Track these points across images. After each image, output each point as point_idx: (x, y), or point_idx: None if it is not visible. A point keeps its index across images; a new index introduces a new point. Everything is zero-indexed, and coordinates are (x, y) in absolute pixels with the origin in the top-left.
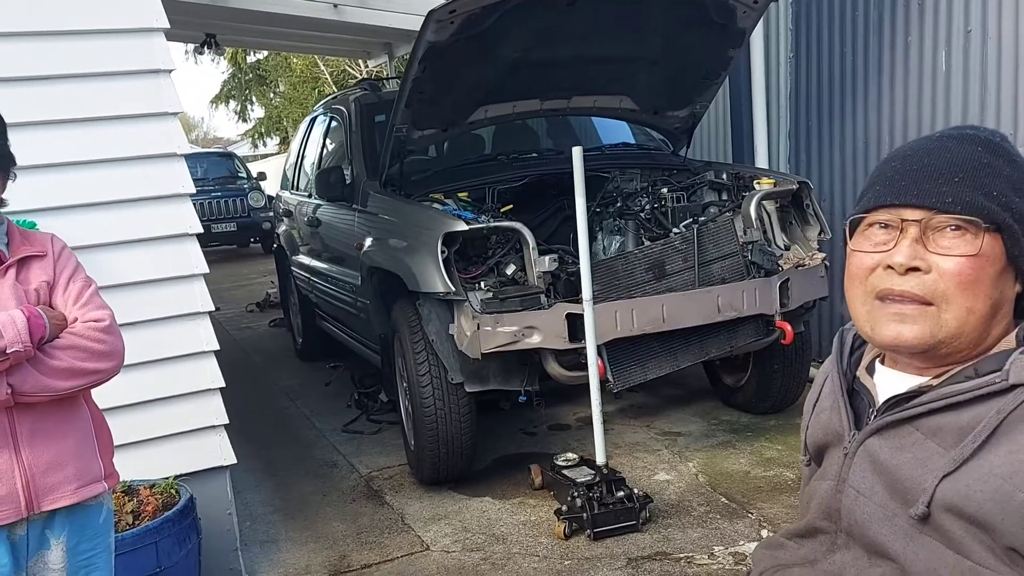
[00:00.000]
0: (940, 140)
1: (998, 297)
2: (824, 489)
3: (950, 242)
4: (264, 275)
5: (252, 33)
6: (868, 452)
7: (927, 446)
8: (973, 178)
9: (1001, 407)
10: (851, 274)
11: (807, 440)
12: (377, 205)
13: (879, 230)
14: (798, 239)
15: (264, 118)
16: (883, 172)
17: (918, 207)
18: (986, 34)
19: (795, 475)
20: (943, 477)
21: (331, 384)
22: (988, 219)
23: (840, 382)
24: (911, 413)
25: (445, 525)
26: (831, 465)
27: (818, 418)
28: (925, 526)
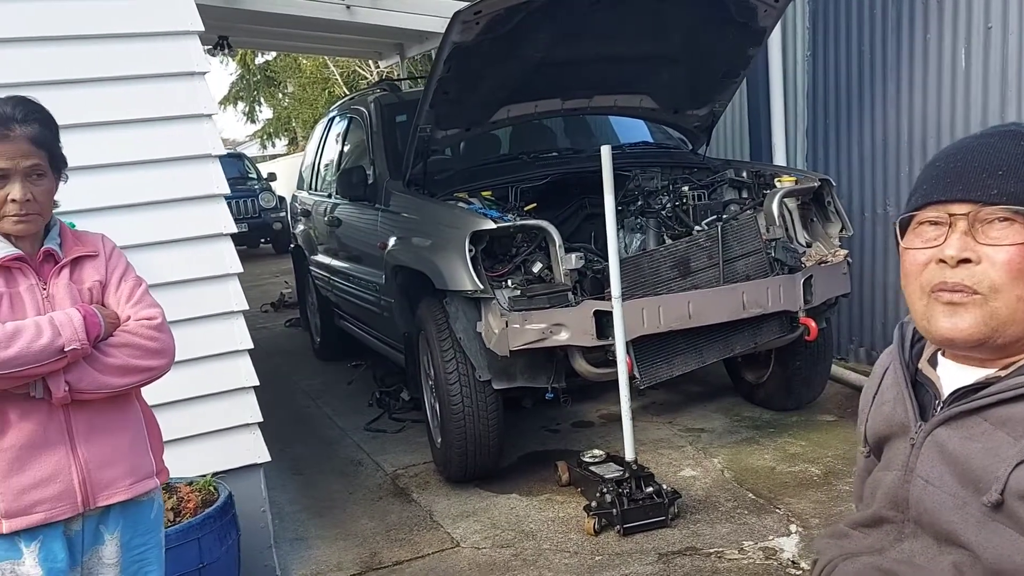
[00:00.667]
0: (982, 138)
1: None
2: (890, 479)
3: (999, 233)
4: (276, 275)
5: (265, 35)
6: (936, 442)
7: (997, 436)
8: (1017, 170)
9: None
10: (906, 272)
11: (867, 432)
12: (401, 204)
13: (929, 227)
14: (820, 236)
15: (273, 119)
16: (929, 172)
17: (965, 201)
18: (1007, 30)
19: (820, 471)
20: (1016, 465)
21: (353, 383)
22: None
23: (904, 374)
24: (980, 403)
25: (474, 522)
26: (896, 456)
27: (880, 410)
28: (998, 513)
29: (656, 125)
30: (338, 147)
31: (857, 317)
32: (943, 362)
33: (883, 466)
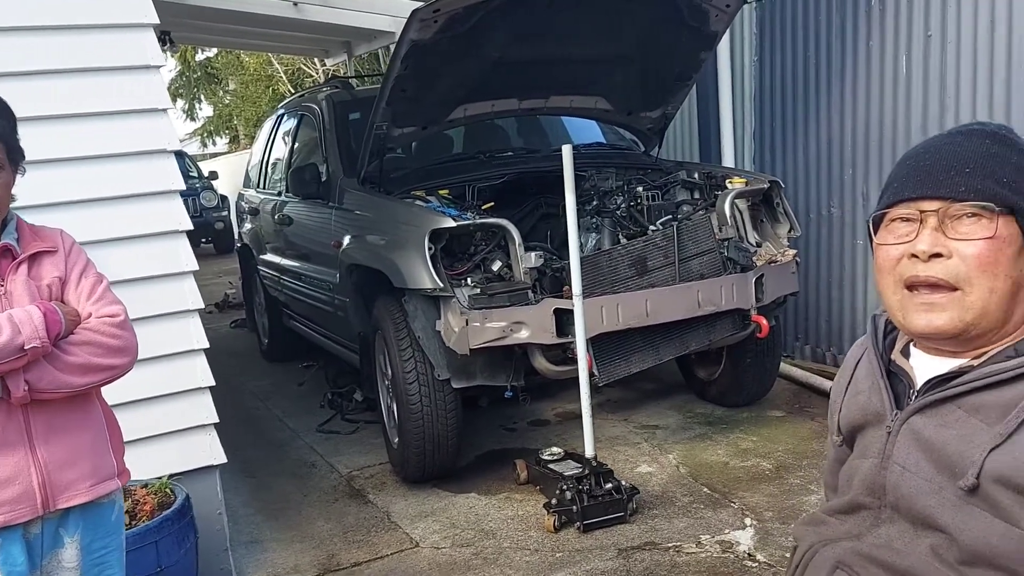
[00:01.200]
0: (950, 136)
1: (1017, 276)
2: (867, 467)
3: (968, 228)
4: (219, 276)
5: (208, 31)
6: (912, 430)
7: (970, 423)
8: (983, 167)
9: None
10: (880, 266)
11: (841, 422)
12: (356, 202)
13: (901, 223)
14: (769, 236)
15: (214, 117)
16: (899, 171)
17: (935, 198)
18: (945, 38)
19: (772, 465)
20: (991, 450)
21: (304, 384)
22: (1001, 203)
23: (879, 364)
24: (954, 392)
25: (433, 522)
26: (872, 444)
27: (855, 400)
28: (974, 497)
29: (609, 126)
30: (288, 145)
31: (803, 315)
32: (915, 353)
33: (859, 454)
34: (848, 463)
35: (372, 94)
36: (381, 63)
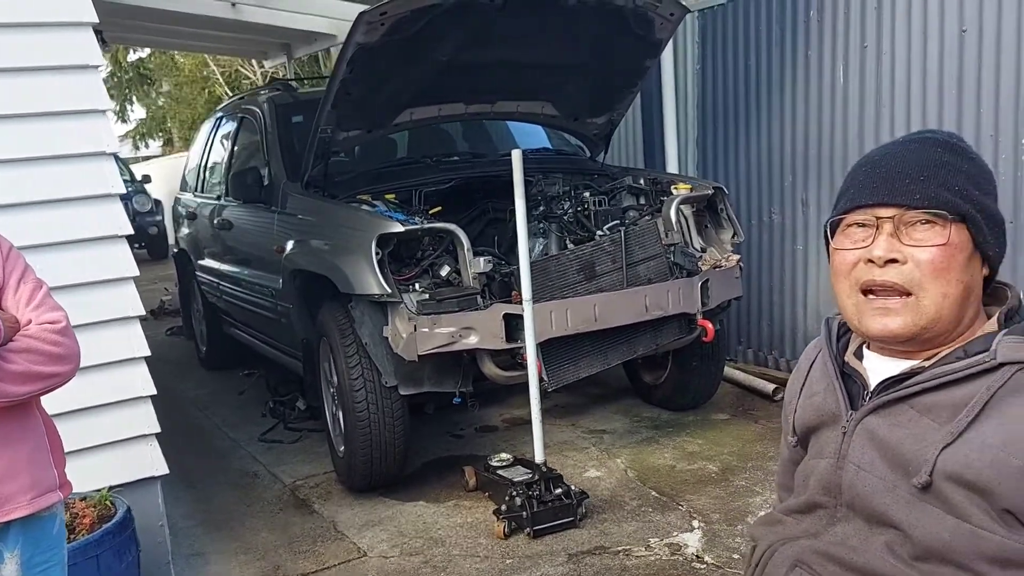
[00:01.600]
0: (904, 144)
1: (968, 281)
2: (823, 466)
3: (922, 234)
4: (154, 282)
5: (143, 30)
6: (867, 430)
7: (922, 422)
8: (936, 175)
9: (991, 384)
10: (836, 271)
11: (796, 423)
12: (299, 207)
13: (857, 229)
14: (713, 242)
15: (147, 119)
16: (855, 177)
17: (890, 205)
18: (881, 50)
19: (718, 467)
20: (942, 448)
21: (244, 392)
22: (953, 211)
23: (834, 366)
24: (907, 392)
25: (380, 531)
26: (827, 444)
27: (810, 401)
28: (926, 494)
29: (555, 132)
30: (227, 148)
31: (745, 319)
32: (868, 354)
33: (814, 454)
34: (804, 463)
35: (315, 97)
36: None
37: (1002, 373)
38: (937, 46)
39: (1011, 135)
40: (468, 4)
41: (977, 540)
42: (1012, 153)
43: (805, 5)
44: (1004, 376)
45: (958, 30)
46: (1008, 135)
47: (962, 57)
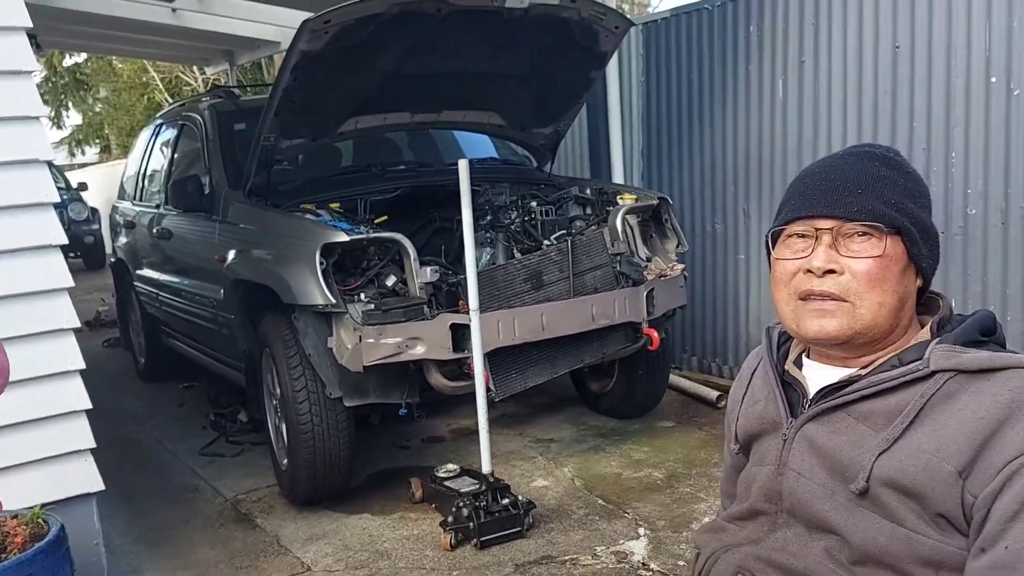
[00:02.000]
0: (843, 158)
1: (903, 291)
2: (765, 474)
3: (859, 246)
4: (90, 292)
5: (80, 35)
6: (806, 437)
7: (860, 429)
8: (873, 189)
9: (924, 391)
10: (776, 279)
11: (738, 431)
12: (241, 215)
13: (797, 239)
14: (658, 251)
15: (83, 125)
16: (796, 189)
17: (829, 217)
18: (818, 65)
19: (663, 475)
20: (879, 455)
21: (184, 405)
22: (889, 223)
23: (774, 375)
24: (845, 400)
25: (324, 544)
26: (769, 451)
27: (752, 409)
28: (864, 500)
29: (502, 141)
30: (167, 156)
31: (690, 328)
32: (808, 363)
33: (756, 461)
34: (746, 471)
35: (257, 104)
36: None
37: (935, 380)
38: (872, 62)
39: (942, 148)
40: (412, 14)
41: (912, 544)
42: (943, 166)
43: (745, 21)
44: (937, 383)
45: (891, 47)
46: (939, 148)
47: (895, 73)
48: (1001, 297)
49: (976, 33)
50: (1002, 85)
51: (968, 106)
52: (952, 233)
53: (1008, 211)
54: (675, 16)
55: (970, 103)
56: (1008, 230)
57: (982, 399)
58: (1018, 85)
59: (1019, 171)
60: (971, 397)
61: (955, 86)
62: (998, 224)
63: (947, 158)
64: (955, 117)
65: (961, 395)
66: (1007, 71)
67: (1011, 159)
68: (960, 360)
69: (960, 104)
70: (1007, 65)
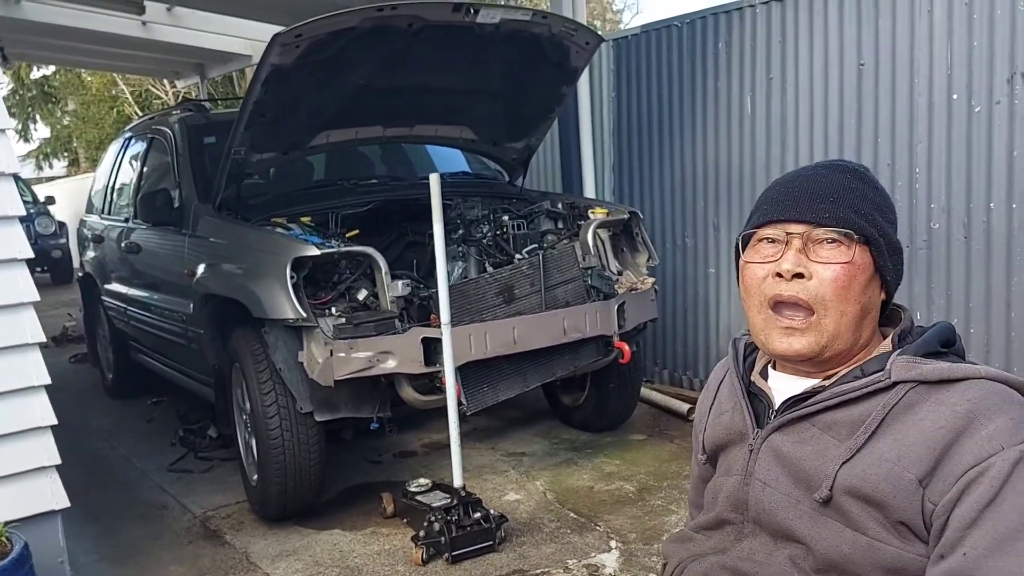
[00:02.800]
0: (816, 169)
1: (866, 302)
2: (731, 484)
3: (828, 252)
4: (57, 307)
5: (48, 47)
6: (772, 447)
7: (824, 439)
8: (845, 199)
9: (886, 402)
10: (746, 285)
11: (705, 441)
12: (211, 229)
13: (768, 244)
14: (629, 265)
15: (51, 138)
16: (769, 195)
17: (800, 222)
18: (785, 81)
19: (635, 487)
20: (842, 464)
21: (153, 421)
22: (858, 232)
23: (740, 386)
24: (809, 410)
25: (295, 561)
26: (735, 461)
27: (719, 419)
28: (827, 508)
29: (474, 156)
30: (136, 169)
31: (661, 341)
32: (773, 374)
33: (723, 472)
34: (713, 481)
35: (228, 118)
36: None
37: (896, 391)
38: (837, 79)
39: (906, 164)
40: (384, 28)
41: (874, 552)
42: (907, 181)
43: (714, 38)
44: (898, 394)
45: (856, 64)
46: (904, 164)
47: (860, 89)
48: (964, 309)
49: (938, 52)
50: (963, 102)
51: (931, 123)
52: (917, 247)
53: (970, 225)
54: (645, 32)
55: (933, 120)
56: (971, 244)
57: (942, 409)
58: (979, 102)
59: (981, 186)
60: (931, 407)
61: (918, 103)
62: (961, 238)
63: (911, 173)
64: (919, 133)
65: (921, 405)
66: (968, 88)
67: (973, 174)
68: (920, 371)
69: (923, 121)
70: (968, 83)
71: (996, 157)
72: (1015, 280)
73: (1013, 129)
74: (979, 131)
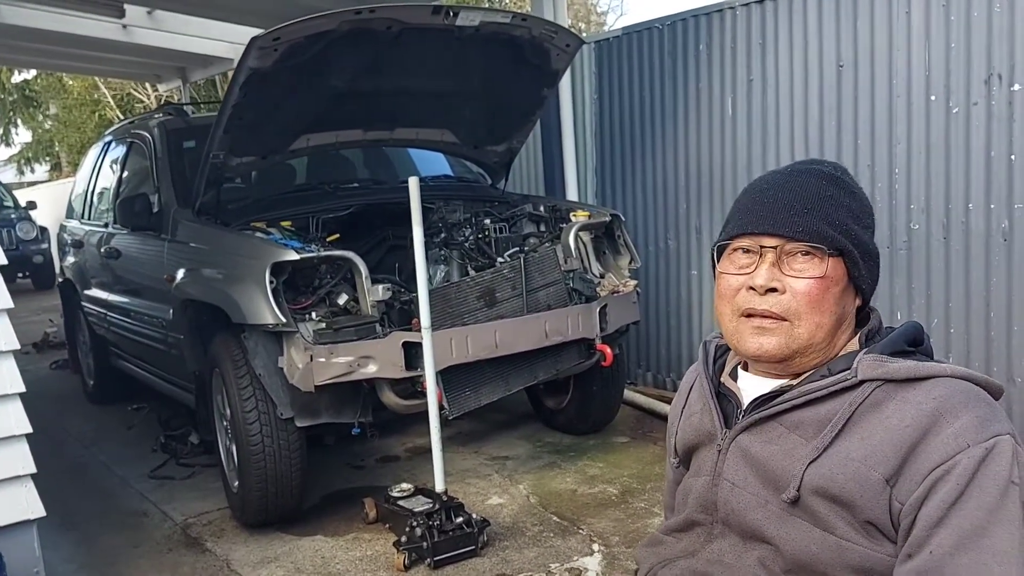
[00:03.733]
0: (791, 175)
1: (841, 312)
2: (700, 484)
3: (801, 265)
4: (38, 313)
5: (29, 51)
6: (740, 447)
7: (791, 438)
8: (819, 209)
9: (852, 400)
10: (720, 294)
11: (677, 443)
12: (190, 234)
13: (742, 254)
14: (611, 268)
15: (32, 143)
16: (743, 203)
17: (774, 235)
18: (766, 83)
19: (618, 490)
20: (809, 464)
21: (134, 428)
22: (831, 245)
23: (709, 387)
24: (776, 410)
25: (276, 568)
26: (705, 462)
27: (689, 421)
28: (795, 508)
29: (456, 159)
30: (116, 174)
31: (644, 343)
32: (743, 375)
33: (693, 473)
34: (684, 482)
35: (208, 122)
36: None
37: (862, 390)
38: (817, 80)
39: (886, 165)
40: (363, 31)
41: (842, 552)
42: (887, 182)
43: (695, 39)
44: (864, 392)
45: (836, 66)
46: (883, 165)
47: (840, 91)
48: (944, 309)
49: (916, 53)
50: (941, 104)
51: (910, 124)
52: (897, 248)
53: (949, 226)
54: (626, 34)
55: (912, 121)
56: (950, 244)
57: (908, 408)
58: (957, 103)
59: (959, 186)
60: (897, 406)
61: (897, 104)
62: (940, 238)
63: (891, 174)
64: (898, 134)
65: (888, 404)
66: (946, 90)
67: (951, 175)
68: (887, 369)
69: (902, 122)
70: (946, 84)
71: (974, 158)
72: (994, 280)
73: (991, 130)
74: (957, 132)
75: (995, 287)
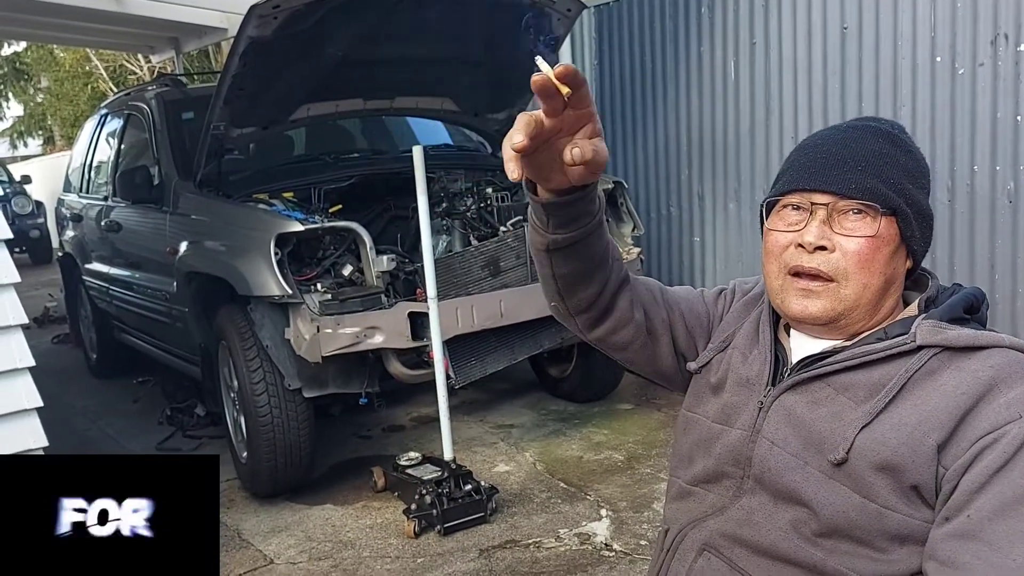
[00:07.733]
0: (846, 131)
1: (891, 273)
2: (735, 437)
3: (852, 224)
4: (36, 287)
5: (18, 23)
6: (784, 407)
7: (840, 400)
8: (874, 167)
9: (909, 366)
10: (768, 251)
11: (706, 348)
12: (192, 206)
13: (792, 211)
14: (614, 235)
15: (25, 116)
16: (796, 159)
17: (826, 192)
18: (768, 46)
19: (623, 456)
20: (862, 428)
21: (139, 401)
22: (885, 204)
23: (771, 334)
24: (826, 370)
25: (287, 536)
26: (739, 413)
27: (732, 353)
28: (837, 472)
29: (456, 128)
30: (113, 147)
31: None
32: (794, 333)
33: (720, 419)
34: (708, 427)
35: (206, 93)
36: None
37: (919, 356)
38: (821, 43)
39: None
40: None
41: (881, 519)
42: None
43: (697, 3)
44: (921, 359)
45: (840, 28)
46: None
47: (844, 53)
48: (948, 271)
49: (921, 14)
50: (947, 65)
51: (915, 86)
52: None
53: (954, 188)
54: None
55: (916, 83)
56: (955, 207)
57: (963, 375)
58: (962, 64)
59: (964, 149)
60: (953, 373)
61: (902, 66)
62: (945, 201)
63: None
64: (902, 97)
65: (943, 372)
66: (951, 51)
67: (956, 137)
68: (946, 336)
69: (907, 84)
70: (951, 45)
71: (980, 120)
72: (999, 243)
73: (996, 91)
74: (963, 94)
75: (1000, 249)
